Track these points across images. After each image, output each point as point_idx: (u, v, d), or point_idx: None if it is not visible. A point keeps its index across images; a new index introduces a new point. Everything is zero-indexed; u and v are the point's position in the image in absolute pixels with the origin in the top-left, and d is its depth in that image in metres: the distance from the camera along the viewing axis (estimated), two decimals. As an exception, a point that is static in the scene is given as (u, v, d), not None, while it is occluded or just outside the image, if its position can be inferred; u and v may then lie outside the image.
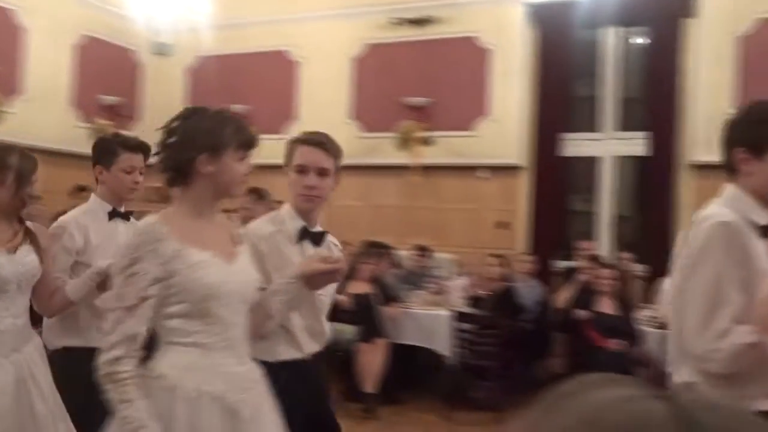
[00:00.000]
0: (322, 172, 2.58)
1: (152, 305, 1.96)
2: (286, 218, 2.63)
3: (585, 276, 6.37)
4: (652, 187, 7.83)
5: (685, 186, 7.59)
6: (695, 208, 7.52)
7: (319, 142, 2.60)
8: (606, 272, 6.18)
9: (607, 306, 6.07)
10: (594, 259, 6.54)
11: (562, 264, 7.62)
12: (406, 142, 8.56)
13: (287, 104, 9.37)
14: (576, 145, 8.26)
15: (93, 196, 3.26)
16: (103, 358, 1.92)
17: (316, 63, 9.25)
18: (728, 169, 2.31)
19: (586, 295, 6.21)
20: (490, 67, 8.44)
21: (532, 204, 8.16)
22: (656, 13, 7.80)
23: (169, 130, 2.10)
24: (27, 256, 2.75)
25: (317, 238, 2.66)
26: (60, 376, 2.83)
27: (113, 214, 3.19)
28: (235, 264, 2.12)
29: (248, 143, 2.14)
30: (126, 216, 3.23)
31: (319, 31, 9.20)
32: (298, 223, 2.62)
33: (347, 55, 9.10)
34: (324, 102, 9.07)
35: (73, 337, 3.05)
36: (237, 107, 8.41)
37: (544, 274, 7.39)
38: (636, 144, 7.96)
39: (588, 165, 8.46)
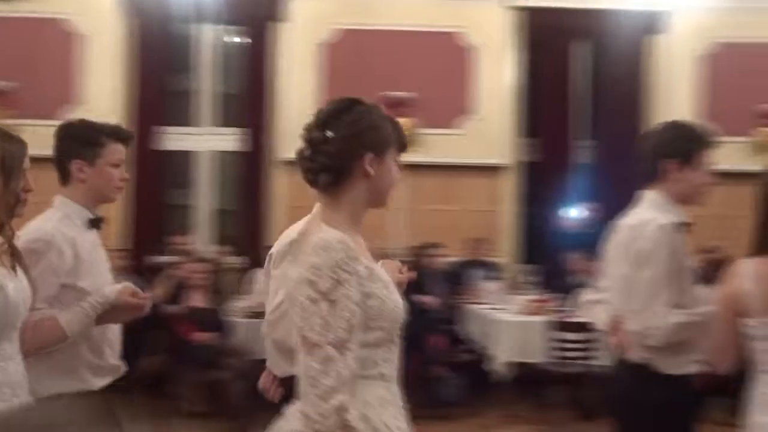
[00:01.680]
0: None
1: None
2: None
3: (178, 270, 6.34)
4: (249, 181, 8.11)
5: (278, 181, 7.99)
6: (288, 202, 7.88)
7: None
8: (198, 266, 6.24)
9: (199, 300, 6.13)
10: (187, 253, 6.55)
11: (159, 259, 7.50)
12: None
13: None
14: (174, 139, 8.20)
15: (62, 199, 2.51)
16: (322, 408, 1.58)
17: None
18: (652, 176, 2.75)
19: (179, 290, 6.19)
20: (81, 53, 7.94)
21: (128, 198, 7.89)
22: (251, 15, 8.08)
23: (323, 123, 1.79)
24: (23, 278, 2.05)
25: None
26: None
27: (94, 223, 2.53)
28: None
29: (405, 144, 1.91)
30: (98, 223, 2.55)
31: None
32: None
33: None
34: None
35: (66, 380, 2.38)
36: None
37: (141, 270, 7.19)
38: (233, 139, 8.17)
39: (186, 159, 8.46)
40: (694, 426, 2.73)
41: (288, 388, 2.36)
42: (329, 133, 1.78)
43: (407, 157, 1.99)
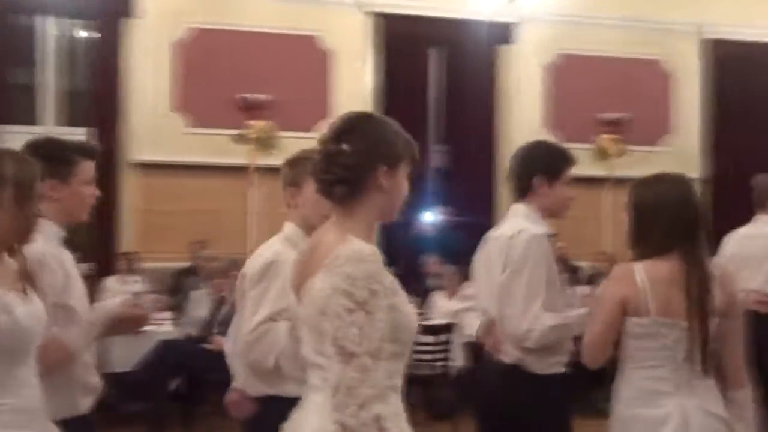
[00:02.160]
0: None
1: None
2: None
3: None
4: (97, 184, 7.72)
5: (130, 184, 7.68)
6: (141, 206, 7.57)
7: None
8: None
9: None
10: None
11: None
12: None
13: None
14: (16, 138, 7.68)
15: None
16: (362, 418, 1.63)
17: None
18: (522, 191, 2.95)
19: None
20: None
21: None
22: (100, 9, 7.71)
23: (338, 136, 1.83)
24: (36, 300, 2.06)
25: None
26: None
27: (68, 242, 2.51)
28: None
29: (416, 158, 1.94)
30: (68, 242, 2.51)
31: None
32: None
33: None
34: None
35: (62, 404, 2.27)
36: None
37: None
38: (79, 139, 7.76)
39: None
40: (563, 422, 2.92)
41: (263, 406, 2.50)
42: (345, 146, 1.82)
43: (264, 161, 2.01)
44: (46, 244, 2.35)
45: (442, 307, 6.72)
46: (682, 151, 8.88)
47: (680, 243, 2.46)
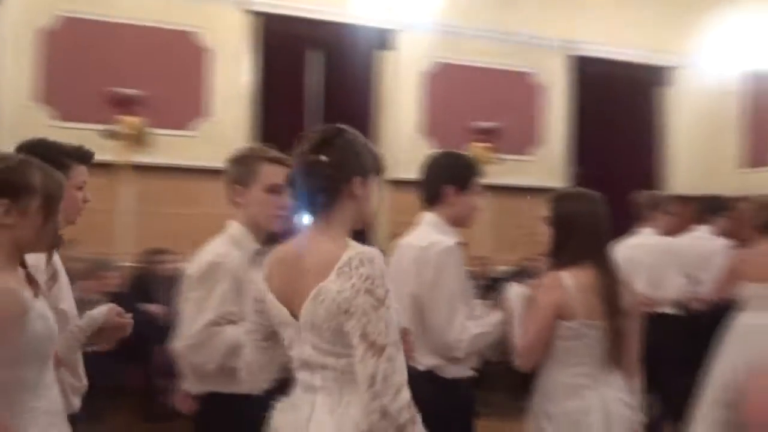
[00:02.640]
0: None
1: None
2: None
3: None
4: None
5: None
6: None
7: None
8: None
9: None
10: None
11: None
12: None
13: None
14: None
15: None
16: (399, 404, 1.80)
17: None
18: (431, 199, 2.99)
19: None
20: None
21: None
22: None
23: (317, 147, 1.97)
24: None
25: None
26: None
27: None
28: None
29: (382, 170, 2.10)
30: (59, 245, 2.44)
31: None
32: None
33: None
34: None
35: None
36: None
37: None
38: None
39: None
40: (471, 423, 3.04)
41: (204, 403, 2.61)
42: (323, 157, 1.95)
43: (136, 158, 2.02)
44: None
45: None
46: (549, 160, 9.31)
47: (594, 253, 2.78)
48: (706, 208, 5.89)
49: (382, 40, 8.61)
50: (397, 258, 3.03)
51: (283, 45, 8.28)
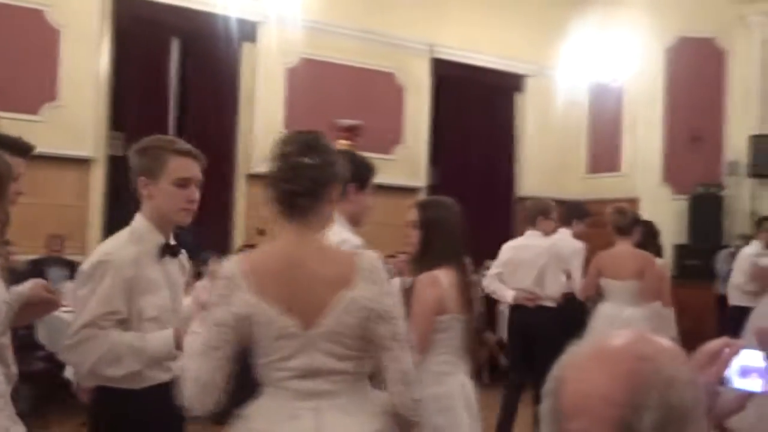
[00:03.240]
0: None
1: None
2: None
3: None
4: None
5: None
6: None
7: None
8: None
9: None
10: None
11: None
12: None
13: None
14: None
15: None
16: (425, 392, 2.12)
17: None
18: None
19: None
20: None
21: None
22: None
23: (302, 150, 1.98)
24: None
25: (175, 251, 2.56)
26: None
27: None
28: None
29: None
30: None
31: None
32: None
33: None
34: None
35: None
36: None
37: None
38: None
39: None
40: None
41: (96, 395, 2.53)
42: (308, 160, 1.96)
43: None
44: None
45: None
46: (411, 160, 9.51)
47: (455, 254, 3.06)
48: (571, 213, 6.39)
49: (248, 31, 8.47)
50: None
51: (144, 31, 7.94)
